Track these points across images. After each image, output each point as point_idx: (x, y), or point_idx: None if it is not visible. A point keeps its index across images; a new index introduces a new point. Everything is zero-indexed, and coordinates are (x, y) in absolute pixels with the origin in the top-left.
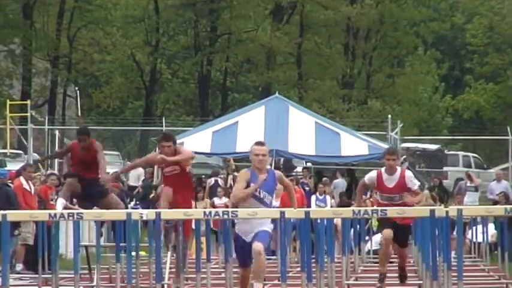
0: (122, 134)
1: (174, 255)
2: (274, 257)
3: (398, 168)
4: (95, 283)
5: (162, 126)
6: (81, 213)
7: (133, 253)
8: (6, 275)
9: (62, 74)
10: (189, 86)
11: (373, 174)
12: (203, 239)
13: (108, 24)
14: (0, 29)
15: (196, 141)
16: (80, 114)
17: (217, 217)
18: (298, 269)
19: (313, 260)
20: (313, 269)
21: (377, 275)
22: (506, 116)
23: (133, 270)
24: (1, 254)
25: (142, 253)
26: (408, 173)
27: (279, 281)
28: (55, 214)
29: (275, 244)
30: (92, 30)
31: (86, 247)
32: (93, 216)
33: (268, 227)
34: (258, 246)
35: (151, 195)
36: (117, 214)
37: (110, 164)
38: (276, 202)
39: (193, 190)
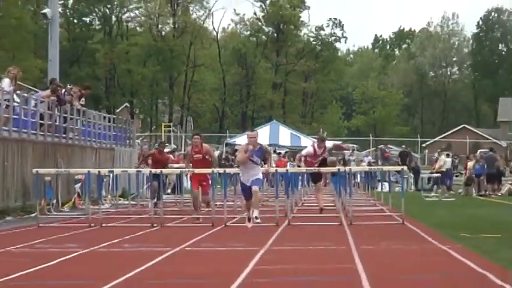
0: (210, 139)
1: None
2: (272, 188)
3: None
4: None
5: (226, 134)
6: (194, 170)
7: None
8: (161, 194)
9: (185, 112)
10: (238, 117)
11: (310, 148)
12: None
13: (204, 91)
14: (160, 93)
15: (241, 139)
16: (193, 128)
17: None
18: (283, 193)
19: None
20: (290, 194)
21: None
22: (369, 130)
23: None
24: (161, 188)
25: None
26: (328, 144)
27: (274, 198)
28: (181, 171)
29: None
30: (198, 93)
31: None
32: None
33: (260, 176)
34: (255, 188)
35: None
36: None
37: None
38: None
39: (209, 166)
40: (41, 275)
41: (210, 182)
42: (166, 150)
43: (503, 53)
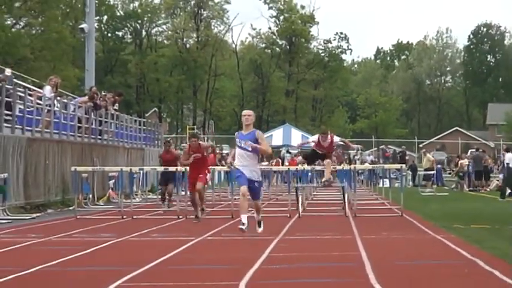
0: (230, 140)
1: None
2: (285, 183)
3: (329, 136)
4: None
5: None
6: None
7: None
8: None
9: (207, 116)
10: (255, 120)
11: (315, 137)
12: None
13: (224, 97)
14: (184, 100)
15: None
16: (214, 131)
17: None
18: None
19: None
20: (300, 189)
21: (325, 194)
22: (372, 132)
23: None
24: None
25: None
26: (335, 137)
27: (287, 193)
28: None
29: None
30: (218, 100)
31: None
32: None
33: (259, 173)
34: (257, 203)
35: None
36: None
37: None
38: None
39: (206, 164)
40: (78, 262)
41: (208, 175)
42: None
43: (492, 63)
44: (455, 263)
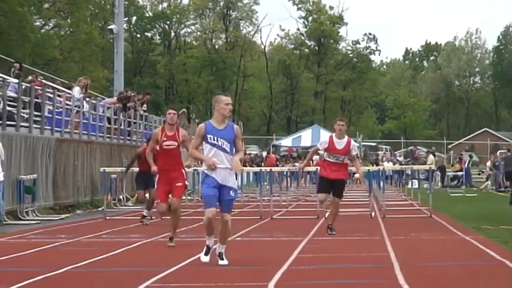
0: (259, 141)
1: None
2: (314, 185)
3: (346, 136)
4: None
5: (273, 136)
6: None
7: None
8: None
9: (236, 117)
10: (283, 121)
11: (325, 137)
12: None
13: (253, 98)
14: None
15: (286, 141)
16: (243, 132)
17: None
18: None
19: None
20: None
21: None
22: (401, 133)
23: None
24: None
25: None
26: (353, 141)
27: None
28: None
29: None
30: (247, 100)
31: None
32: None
33: (234, 178)
34: (226, 216)
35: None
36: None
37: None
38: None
39: (181, 161)
40: (107, 263)
41: (187, 182)
42: None
43: None
44: (483, 264)
